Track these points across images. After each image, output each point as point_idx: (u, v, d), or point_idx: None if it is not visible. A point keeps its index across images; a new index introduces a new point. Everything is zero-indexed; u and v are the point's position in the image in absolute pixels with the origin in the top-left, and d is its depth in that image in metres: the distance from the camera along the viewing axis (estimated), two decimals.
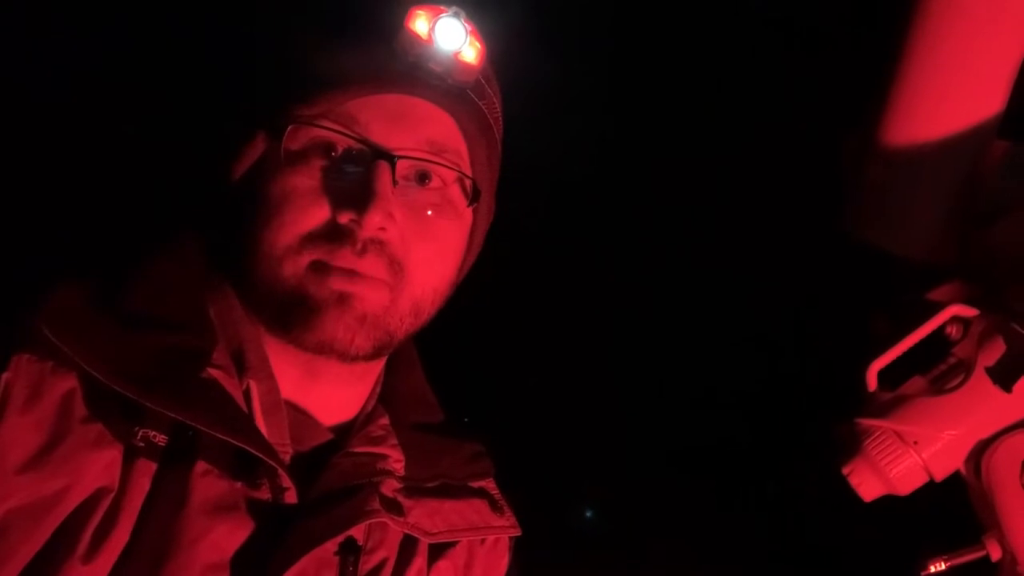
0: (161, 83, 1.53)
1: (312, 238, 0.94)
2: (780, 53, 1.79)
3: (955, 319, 1.05)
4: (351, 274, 0.93)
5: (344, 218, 0.93)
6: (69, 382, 0.85)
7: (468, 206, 1.03)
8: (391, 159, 0.94)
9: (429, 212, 0.99)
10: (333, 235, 0.93)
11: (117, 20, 1.56)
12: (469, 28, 0.96)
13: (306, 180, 0.95)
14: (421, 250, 0.97)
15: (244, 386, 0.95)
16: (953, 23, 1.04)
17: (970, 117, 1.06)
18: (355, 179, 0.94)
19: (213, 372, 0.91)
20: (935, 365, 1.05)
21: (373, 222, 0.92)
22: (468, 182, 1.02)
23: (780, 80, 1.79)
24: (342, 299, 0.93)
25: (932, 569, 1.01)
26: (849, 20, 1.52)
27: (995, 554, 1.00)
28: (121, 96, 1.52)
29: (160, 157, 1.42)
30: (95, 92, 1.52)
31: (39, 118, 1.47)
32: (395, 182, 0.94)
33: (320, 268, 0.93)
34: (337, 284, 0.93)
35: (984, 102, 1.06)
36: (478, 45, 0.98)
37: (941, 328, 1.05)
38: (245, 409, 0.93)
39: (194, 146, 1.20)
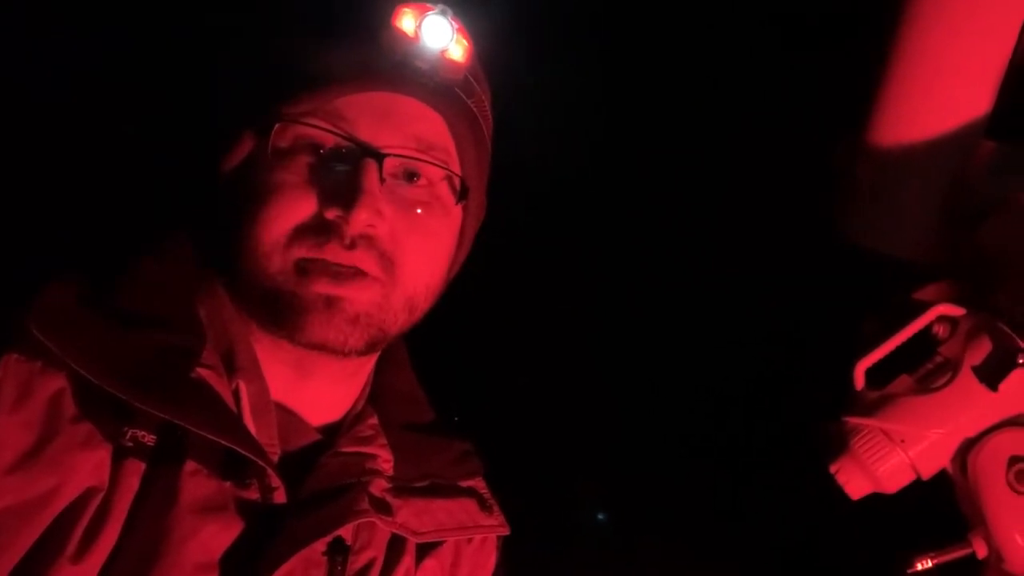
0: (158, 83, 1.53)
1: (299, 233, 0.94)
2: (776, 53, 1.79)
3: (942, 318, 1.05)
4: (339, 270, 0.93)
5: (331, 214, 0.93)
6: (58, 382, 0.85)
7: (456, 203, 1.03)
8: (378, 156, 0.95)
9: (418, 210, 0.99)
10: (320, 230, 0.93)
11: (117, 20, 1.57)
12: (456, 26, 0.97)
13: (293, 177, 0.95)
14: (411, 246, 0.97)
15: (233, 386, 0.95)
16: (939, 25, 1.05)
17: (957, 118, 1.07)
18: (342, 176, 0.94)
19: (202, 372, 0.92)
20: (922, 364, 1.05)
21: (360, 218, 0.92)
22: (456, 180, 1.02)
23: (774, 80, 1.79)
24: (330, 303, 0.93)
25: (919, 567, 1.01)
26: (842, 21, 1.52)
27: (981, 552, 1.00)
28: (121, 96, 1.53)
29: (154, 156, 1.43)
30: (95, 92, 1.52)
31: (39, 118, 1.48)
32: (382, 179, 0.94)
33: (305, 268, 0.93)
34: (322, 287, 0.93)
35: (970, 103, 1.07)
36: (465, 43, 0.99)
37: (928, 327, 1.06)
38: (234, 409, 0.94)
39: (185, 144, 1.21)
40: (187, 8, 1.58)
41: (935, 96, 1.07)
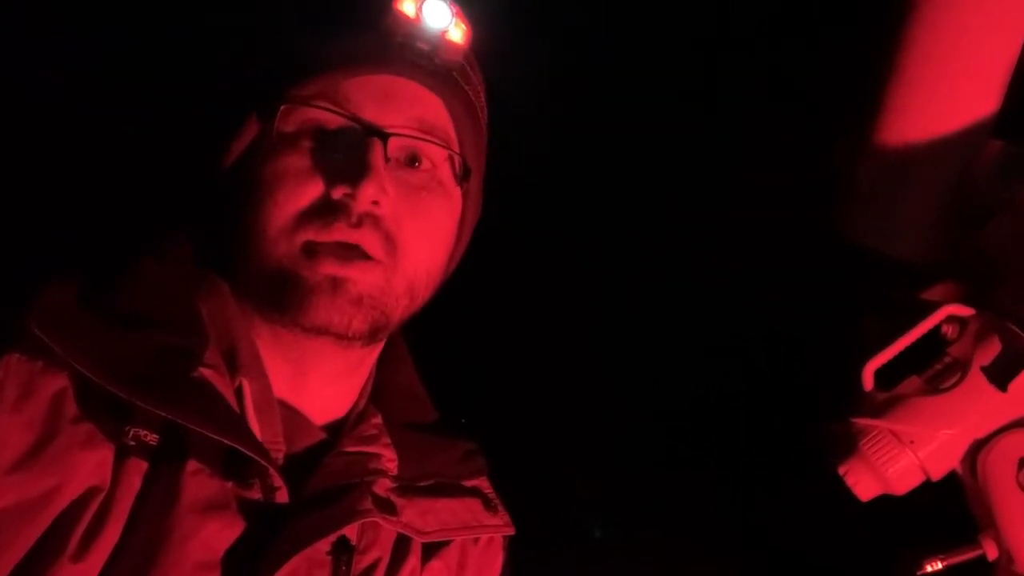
0: (158, 83, 1.53)
1: (306, 215, 0.94)
2: (776, 52, 1.79)
3: (951, 318, 1.05)
4: (345, 249, 0.94)
5: (338, 193, 0.93)
6: (60, 381, 0.85)
7: (458, 185, 1.03)
8: (383, 136, 0.95)
9: (421, 193, 0.99)
10: (327, 210, 0.94)
11: (117, 20, 1.56)
12: (455, 9, 0.98)
13: (299, 160, 0.95)
14: (413, 229, 0.98)
15: (236, 385, 0.94)
16: (946, 22, 1.04)
17: (963, 117, 1.06)
18: (348, 157, 0.95)
19: (204, 371, 0.91)
20: (931, 365, 1.04)
21: (367, 194, 0.93)
22: (458, 159, 1.03)
23: (774, 80, 1.79)
24: (335, 284, 0.93)
25: (928, 568, 1.00)
26: (844, 18, 1.52)
27: (991, 553, 1.00)
28: (121, 96, 1.53)
29: (154, 152, 1.42)
30: (95, 92, 1.52)
31: (39, 118, 1.47)
32: (387, 159, 0.95)
33: (313, 250, 0.93)
34: (329, 268, 0.93)
35: (978, 102, 1.06)
36: (463, 26, 1.00)
37: (937, 328, 1.05)
38: (237, 408, 0.93)
39: (187, 135, 1.20)
40: (187, 8, 1.58)
41: (941, 94, 1.06)
